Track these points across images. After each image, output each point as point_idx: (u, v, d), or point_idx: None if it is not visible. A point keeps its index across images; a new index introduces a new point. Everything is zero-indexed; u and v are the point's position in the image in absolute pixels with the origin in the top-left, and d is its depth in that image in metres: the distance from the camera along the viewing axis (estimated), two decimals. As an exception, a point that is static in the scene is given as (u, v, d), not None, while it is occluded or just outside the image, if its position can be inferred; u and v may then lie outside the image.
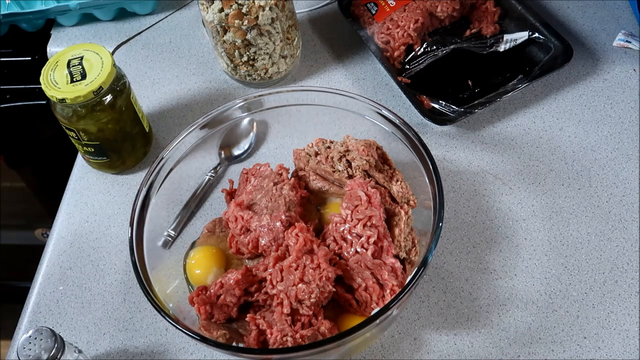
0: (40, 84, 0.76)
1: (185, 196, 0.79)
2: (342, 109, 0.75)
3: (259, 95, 0.76)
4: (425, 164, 0.69)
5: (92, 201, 0.84)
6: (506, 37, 0.92)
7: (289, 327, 0.63)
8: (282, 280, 0.64)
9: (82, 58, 0.78)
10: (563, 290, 0.72)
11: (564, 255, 0.75)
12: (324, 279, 0.63)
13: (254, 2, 0.82)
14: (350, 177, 0.72)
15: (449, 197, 0.79)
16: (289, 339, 0.62)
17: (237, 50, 0.87)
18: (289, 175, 0.76)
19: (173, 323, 0.61)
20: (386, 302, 0.62)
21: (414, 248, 0.69)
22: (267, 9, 0.82)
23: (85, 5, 1.00)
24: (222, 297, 0.66)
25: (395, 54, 0.91)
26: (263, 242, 0.69)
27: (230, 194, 0.78)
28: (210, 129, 0.76)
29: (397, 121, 0.72)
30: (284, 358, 0.62)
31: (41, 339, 0.60)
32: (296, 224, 0.68)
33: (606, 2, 0.99)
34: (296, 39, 0.92)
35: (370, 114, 0.74)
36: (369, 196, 0.68)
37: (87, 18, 1.04)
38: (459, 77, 0.90)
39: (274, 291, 0.64)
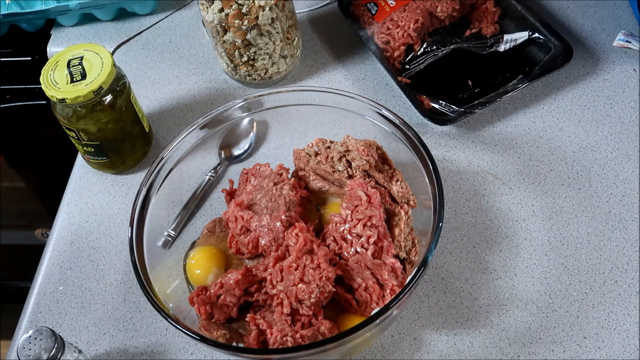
0: (40, 84, 0.76)
1: (185, 196, 0.79)
2: (342, 109, 0.75)
3: (259, 95, 0.76)
4: (425, 164, 0.69)
5: (92, 201, 0.84)
6: (506, 37, 0.92)
7: (289, 327, 0.62)
8: (282, 280, 0.64)
9: (82, 58, 0.78)
10: (563, 290, 0.72)
11: (564, 255, 0.75)
12: (324, 279, 0.63)
13: (254, 2, 0.82)
14: (350, 177, 0.72)
15: (449, 197, 0.79)
16: (289, 339, 0.61)
17: (237, 50, 0.87)
18: (289, 175, 0.76)
19: (173, 323, 0.61)
20: (386, 302, 0.62)
21: (414, 248, 0.69)
22: (267, 9, 0.82)
23: (85, 5, 1.00)
24: (222, 297, 0.66)
25: (395, 54, 0.91)
26: (263, 242, 0.69)
27: (230, 194, 0.78)
28: (210, 129, 0.76)
29: (397, 121, 0.72)
30: (284, 358, 0.62)
31: (41, 339, 0.60)
32: (296, 224, 0.68)
33: (606, 2, 0.99)
34: (296, 39, 0.92)
35: (370, 114, 0.74)
36: (369, 196, 0.68)
37: (87, 18, 1.04)
38: (459, 77, 0.90)
39: (274, 291, 0.64)
